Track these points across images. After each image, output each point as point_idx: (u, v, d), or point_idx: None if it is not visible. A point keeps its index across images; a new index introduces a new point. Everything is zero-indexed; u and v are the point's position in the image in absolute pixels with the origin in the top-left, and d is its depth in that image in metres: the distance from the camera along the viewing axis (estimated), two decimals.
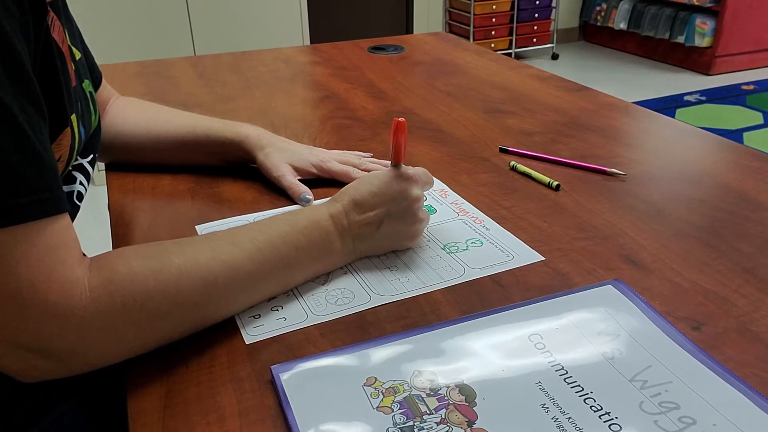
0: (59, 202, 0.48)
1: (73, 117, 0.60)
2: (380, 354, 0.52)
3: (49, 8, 0.55)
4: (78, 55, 0.68)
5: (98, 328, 0.48)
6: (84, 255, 0.51)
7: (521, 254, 0.66)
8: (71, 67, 0.63)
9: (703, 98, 3.66)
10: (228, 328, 0.56)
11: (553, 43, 4.43)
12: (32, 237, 0.46)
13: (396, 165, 0.64)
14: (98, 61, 0.84)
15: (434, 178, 0.83)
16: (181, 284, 0.51)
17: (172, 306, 0.51)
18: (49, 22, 0.55)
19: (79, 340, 0.48)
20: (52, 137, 0.56)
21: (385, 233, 0.64)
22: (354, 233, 0.62)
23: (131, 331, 0.50)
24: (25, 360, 0.48)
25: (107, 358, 0.50)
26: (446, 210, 0.75)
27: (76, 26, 0.73)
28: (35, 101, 0.48)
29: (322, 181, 0.82)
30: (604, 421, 0.45)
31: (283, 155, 0.81)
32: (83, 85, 0.67)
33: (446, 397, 0.47)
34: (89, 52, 0.79)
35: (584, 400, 0.46)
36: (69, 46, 0.65)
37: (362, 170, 0.82)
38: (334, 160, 0.82)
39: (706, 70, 4.05)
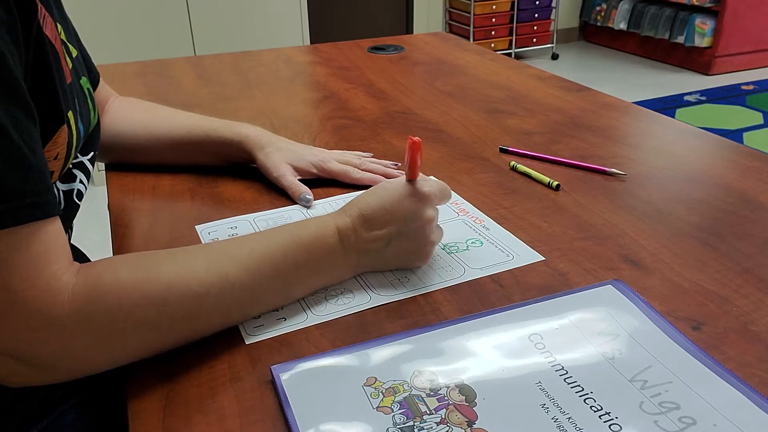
0: (46, 206, 0.47)
1: (70, 114, 0.59)
2: (380, 354, 0.52)
3: (39, 5, 0.55)
4: (74, 52, 0.68)
5: (81, 337, 0.47)
6: (73, 261, 0.50)
7: (521, 254, 0.66)
8: (67, 63, 0.63)
9: (703, 98, 3.66)
10: (228, 328, 0.55)
11: (553, 43, 4.43)
12: (16, 243, 0.45)
13: (410, 181, 0.61)
14: (98, 61, 0.84)
15: (433, 177, 0.83)
16: (169, 295, 0.50)
17: (159, 317, 0.49)
18: (41, 19, 0.54)
19: (61, 348, 0.47)
20: (48, 136, 0.55)
21: (393, 252, 0.61)
22: (360, 249, 0.60)
23: (116, 341, 0.49)
24: (9, 366, 0.47)
25: (91, 368, 0.49)
26: (446, 210, 0.75)
27: (71, 24, 0.73)
28: (23, 104, 0.47)
29: (322, 181, 0.82)
30: (604, 421, 0.45)
31: (283, 155, 0.81)
32: (81, 82, 0.67)
33: (446, 397, 0.47)
34: (86, 51, 0.78)
35: (584, 400, 0.46)
36: (65, 43, 0.64)
37: (362, 170, 0.82)
38: (333, 160, 0.82)
39: (706, 70, 4.06)
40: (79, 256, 0.83)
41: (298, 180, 0.79)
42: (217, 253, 0.55)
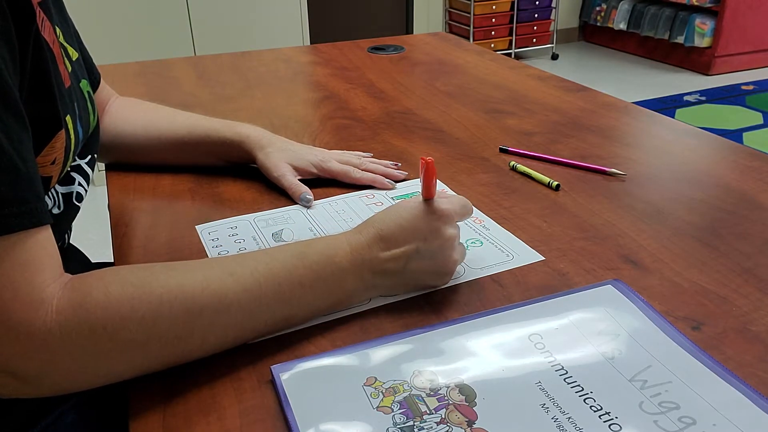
0: (35, 215, 0.46)
1: (68, 118, 0.59)
2: (380, 354, 0.52)
3: (38, 9, 0.54)
4: (75, 55, 0.68)
5: (64, 353, 0.45)
6: (64, 273, 0.48)
7: (521, 254, 0.66)
8: (66, 67, 0.63)
9: (703, 98, 3.66)
10: None
11: (552, 43, 4.43)
12: (2, 251, 0.44)
13: (427, 200, 0.58)
14: (98, 61, 0.84)
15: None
16: (160, 315, 0.47)
17: (148, 337, 0.47)
18: (39, 23, 0.54)
19: (44, 363, 0.45)
20: (45, 141, 0.55)
21: (411, 271, 0.58)
22: (375, 269, 0.56)
23: (101, 360, 0.47)
24: None
25: (77, 385, 0.48)
26: None
27: (73, 26, 0.72)
28: (14, 110, 0.46)
29: (322, 181, 0.82)
30: (604, 421, 0.45)
31: (283, 155, 0.81)
32: (80, 84, 0.67)
33: (446, 397, 0.47)
34: (87, 53, 0.78)
35: (584, 400, 0.47)
36: (63, 46, 0.64)
37: (362, 170, 0.82)
38: (334, 159, 0.82)
39: (705, 70, 4.06)
40: (79, 256, 0.83)
41: (299, 180, 0.79)
42: (216, 270, 0.52)
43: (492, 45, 4.18)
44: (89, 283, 0.48)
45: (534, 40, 4.33)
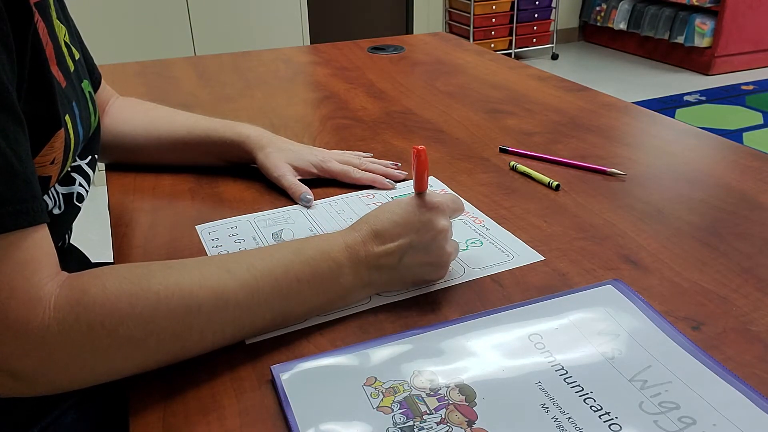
0: (32, 214, 0.46)
1: (67, 118, 0.59)
2: (380, 354, 0.52)
3: (34, 10, 0.55)
4: (77, 55, 0.68)
5: (61, 351, 0.45)
6: (61, 271, 0.48)
7: (521, 254, 0.66)
8: (70, 67, 0.63)
9: (703, 98, 3.66)
10: None
11: (552, 43, 4.43)
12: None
13: (419, 194, 0.59)
14: (98, 61, 0.85)
15: (434, 177, 0.83)
16: (158, 311, 0.47)
17: (146, 334, 0.47)
18: (36, 24, 0.54)
19: (42, 361, 0.45)
20: (44, 141, 0.55)
21: (407, 266, 0.58)
22: (371, 264, 0.57)
23: (99, 357, 0.47)
24: None
25: (74, 383, 0.48)
26: None
27: (75, 26, 0.72)
28: (10, 109, 0.46)
29: (322, 181, 0.82)
30: (604, 421, 0.45)
31: (283, 155, 0.81)
32: (82, 85, 0.67)
33: (446, 397, 0.47)
34: (88, 53, 0.78)
35: (584, 400, 0.47)
36: (68, 45, 0.64)
37: (362, 170, 0.82)
38: (334, 159, 0.82)
39: (705, 70, 4.06)
40: (79, 256, 0.83)
41: (299, 180, 0.79)
42: (213, 267, 0.52)
43: (492, 45, 4.18)
44: (86, 281, 0.48)
45: (534, 40, 4.33)
